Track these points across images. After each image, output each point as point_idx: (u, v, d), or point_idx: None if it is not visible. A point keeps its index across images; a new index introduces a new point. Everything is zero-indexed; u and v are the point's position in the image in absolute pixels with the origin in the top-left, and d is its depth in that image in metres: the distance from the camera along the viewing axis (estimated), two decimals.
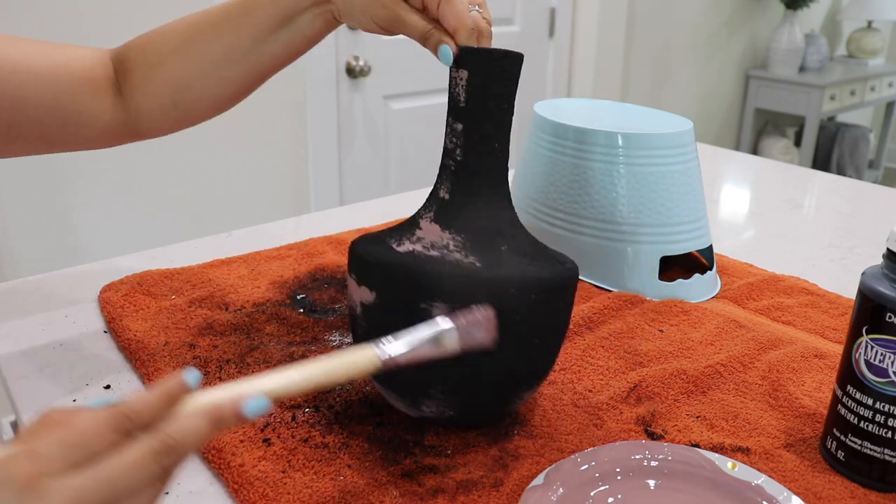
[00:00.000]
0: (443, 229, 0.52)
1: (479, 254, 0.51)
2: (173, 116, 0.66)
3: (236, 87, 0.64)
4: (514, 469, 0.52)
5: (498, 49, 0.52)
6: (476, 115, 0.52)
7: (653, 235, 0.77)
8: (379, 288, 0.51)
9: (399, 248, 0.52)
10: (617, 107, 0.91)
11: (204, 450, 0.53)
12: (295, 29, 0.60)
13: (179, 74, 0.63)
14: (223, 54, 0.61)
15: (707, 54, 3.04)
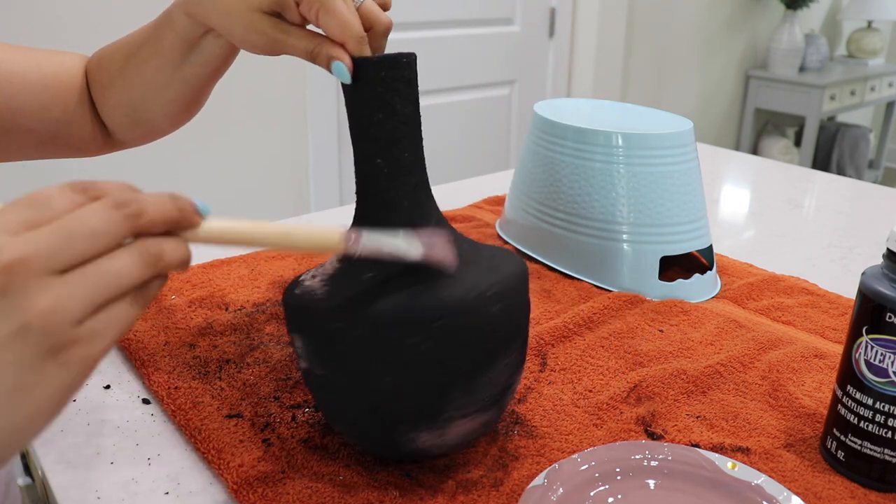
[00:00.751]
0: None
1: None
2: (137, 132, 0.66)
3: (179, 104, 0.63)
4: (514, 469, 0.52)
5: (391, 54, 0.47)
6: (390, 128, 0.48)
7: (653, 235, 0.77)
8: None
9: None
10: (617, 107, 0.91)
11: (204, 450, 0.53)
12: (204, 52, 0.59)
13: (126, 96, 0.63)
14: (154, 77, 0.61)
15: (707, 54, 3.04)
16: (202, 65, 0.60)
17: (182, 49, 0.58)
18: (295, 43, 0.49)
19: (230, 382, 0.61)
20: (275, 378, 0.62)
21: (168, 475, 0.52)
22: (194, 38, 0.58)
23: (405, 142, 0.48)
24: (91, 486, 0.51)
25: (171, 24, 0.58)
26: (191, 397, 0.59)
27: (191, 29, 0.57)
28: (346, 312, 0.45)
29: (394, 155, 0.48)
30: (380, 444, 0.50)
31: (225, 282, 0.79)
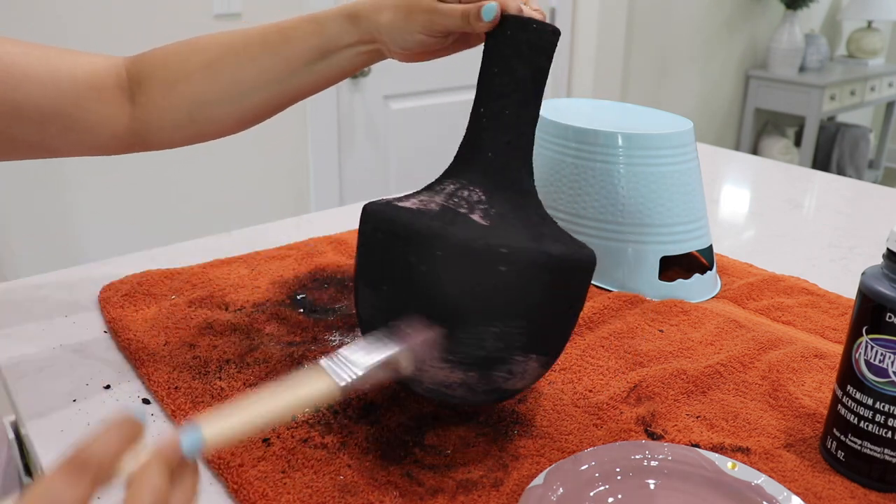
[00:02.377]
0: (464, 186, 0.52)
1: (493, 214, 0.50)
2: (188, 131, 0.65)
3: (261, 110, 0.63)
4: (514, 469, 0.52)
5: (528, 17, 0.51)
6: (500, 83, 0.52)
7: (653, 235, 0.77)
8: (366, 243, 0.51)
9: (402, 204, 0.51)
10: (617, 107, 0.91)
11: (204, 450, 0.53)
12: (333, 62, 0.59)
13: (203, 92, 0.62)
14: (254, 78, 0.61)
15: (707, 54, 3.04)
16: (321, 75, 0.60)
17: (316, 55, 0.59)
18: (451, 10, 0.53)
19: (230, 382, 0.61)
20: (275, 378, 0.62)
21: None
22: (341, 46, 0.58)
23: (508, 100, 0.52)
24: None
25: (320, 29, 0.58)
26: (191, 397, 0.59)
27: (344, 35, 0.58)
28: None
29: (494, 109, 0.52)
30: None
31: (225, 282, 0.79)
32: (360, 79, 2.03)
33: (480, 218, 0.49)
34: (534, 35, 0.51)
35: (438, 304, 0.47)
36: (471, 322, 0.47)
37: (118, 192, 1.70)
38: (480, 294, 0.47)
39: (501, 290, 0.47)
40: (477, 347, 0.48)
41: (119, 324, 0.69)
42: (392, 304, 0.49)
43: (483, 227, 0.48)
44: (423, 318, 0.46)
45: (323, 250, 0.88)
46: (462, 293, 0.47)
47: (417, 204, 0.50)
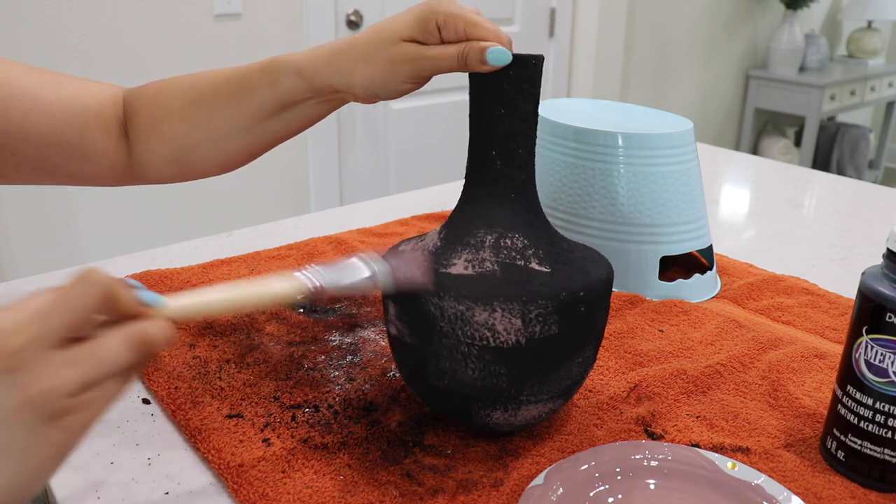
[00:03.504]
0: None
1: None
2: (175, 170, 0.65)
3: (242, 154, 0.63)
4: (514, 469, 0.52)
5: (522, 55, 0.51)
6: (509, 123, 0.51)
7: (653, 235, 0.77)
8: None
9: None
10: (617, 107, 0.91)
11: (204, 450, 0.53)
12: (297, 113, 0.59)
13: (183, 135, 0.62)
14: (225, 126, 0.60)
15: (707, 54, 3.04)
16: (289, 124, 0.60)
17: (275, 108, 0.58)
18: (443, 53, 0.51)
19: (230, 382, 0.61)
20: (275, 378, 0.62)
21: (168, 475, 0.52)
22: (297, 101, 0.57)
23: (520, 138, 0.52)
24: (91, 486, 0.51)
25: (275, 83, 0.57)
26: (191, 397, 0.59)
27: (299, 92, 0.56)
28: (447, 292, 0.48)
29: (508, 148, 0.51)
30: (456, 414, 0.54)
31: (225, 282, 0.79)
32: None
33: (538, 265, 0.50)
34: (533, 72, 0.51)
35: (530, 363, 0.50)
36: (561, 362, 0.51)
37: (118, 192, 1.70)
38: (568, 337, 0.50)
39: (583, 327, 0.51)
40: (566, 379, 0.52)
41: None
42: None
43: (548, 274, 0.50)
44: (419, 255, 0.47)
45: (323, 250, 0.88)
46: (551, 340, 0.49)
47: (471, 268, 0.50)
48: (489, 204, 0.52)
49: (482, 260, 0.50)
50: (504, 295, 0.47)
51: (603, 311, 0.53)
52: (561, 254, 0.52)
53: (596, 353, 0.55)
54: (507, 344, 0.48)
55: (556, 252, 0.52)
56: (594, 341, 0.53)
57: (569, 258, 0.52)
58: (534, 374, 0.50)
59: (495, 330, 0.48)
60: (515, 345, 0.48)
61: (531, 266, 0.50)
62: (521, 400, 0.51)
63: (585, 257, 0.54)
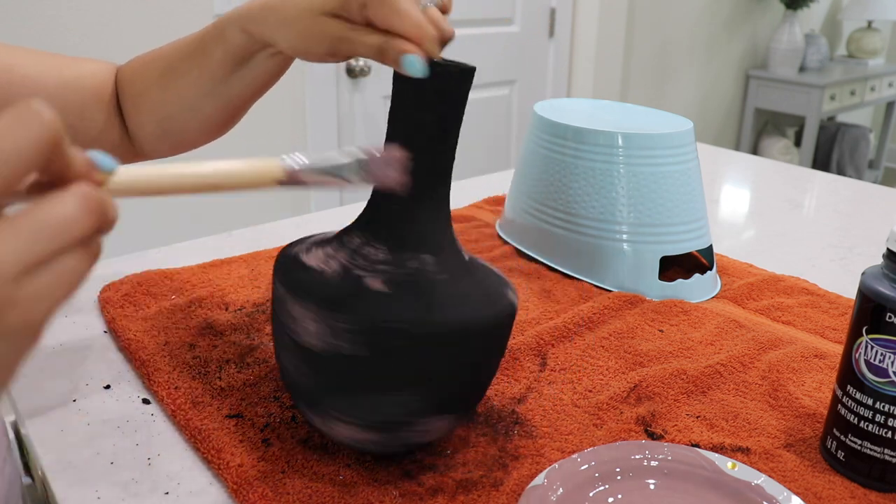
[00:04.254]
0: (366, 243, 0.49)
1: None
2: (165, 143, 0.65)
3: (217, 119, 0.62)
4: (514, 469, 0.52)
5: (457, 63, 0.47)
6: (436, 135, 0.48)
7: (653, 235, 0.77)
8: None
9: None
10: (617, 107, 0.91)
11: (204, 450, 0.53)
12: (254, 68, 0.58)
13: (161, 107, 0.62)
14: (193, 90, 0.60)
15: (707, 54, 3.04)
16: (250, 81, 0.59)
17: (231, 64, 0.57)
18: (363, 39, 0.48)
19: (230, 382, 0.61)
20: (275, 378, 0.62)
21: (168, 475, 0.52)
22: (247, 55, 0.57)
23: (438, 147, 0.48)
24: (91, 486, 0.51)
25: (223, 38, 0.56)
26: (191, 397, 0.59)
27: (245, 45, 0.56)
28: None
29: (423, 156, 0.48)
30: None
31: (225, 282, 0.79)
32: (361, 79, 2.03)
33: (381, 285, 0.47)
34: (455, 84, 0.47)
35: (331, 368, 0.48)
36: (369, 391, 0.47)
37: None
38: (379, 367, 0.46)
39: (402, 364, 0.46)
40: (377, 413, 0.48)
41: (119, 324, 0.69)
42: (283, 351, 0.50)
43: (379, 294, 0.46)
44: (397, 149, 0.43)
45: None
46: (357, 361, 0.46)
47: (322, 262, 0.49)
48: (378, 206, 0.50)
49: (334, 258, 0.49)
50: (320, 298, 0.46)
51: (444, 359, 0.47)
52: (423, 282, 0.47)
53: (428, 405, 0.48)
54: (313, 347, 0.47)
55: (417, 278, 0.47)
56: (426, 388, 0.47)
57: (431, 288, 0.47)
58: (338, 391, 0.48)
59: (307, 329, 0.46)
60: (320, 350, 0.46)
61: (367, 281, 0.47)
62: (333, 415, 0.49)
63: (461, 299, 0.48)
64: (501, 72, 2.39)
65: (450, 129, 0.48)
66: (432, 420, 0.49)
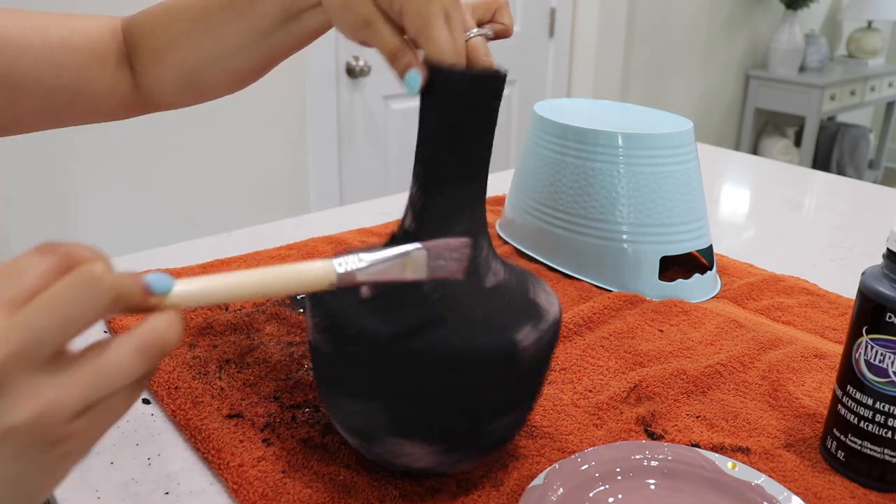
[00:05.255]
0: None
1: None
2: (187, 94, 0.63)
3: (251, 71, 0.61)
4: (514, 469, 0.52)
5: (474, 69, 0.46)
6: (458, 147, 0.47)
7: (653, 235, 0.77)
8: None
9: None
10: (617, 107, 0.91)
11: (204, 450, 0.53)
12: (303, 24, 0.56)
13: (190, 58, 0.60)
14: (231, 43, 0.58)
15: (707, 54, 3.04)
16: (295, 36, 0.57)
17: (279, 18, 0.55)
18: (384, 36, 0.47)
19: (230, 382, 0.61)
20: (275, 378, 0.62)
21: (168, 475, 0.52)
22: (297, 10, 0.55)
23: (469, 151, 0.48)
24: (91, 486, 0.51)
25: None
26: (191, 397, 0.59)
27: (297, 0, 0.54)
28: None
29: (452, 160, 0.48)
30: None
31: None
32: (361, 79, 2.03)
33: (368, 289, 0.46)
34: (494, 89, 0.46)
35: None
36: (334, 389, 0.48)
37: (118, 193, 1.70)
38: (340, 366, 0.47)
39: (356, 366, 0.46)
40: (347, 418, 0.48)
41: (119, 324, 0.69)
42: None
43: (358, 299, 0.46)
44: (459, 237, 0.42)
45: (323, 250, 0.88)
46: (324, 357, 0.48)
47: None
48: (416, 211, 0.49)
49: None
50: (315, 295, 0.47)
51: (402, 379, 0.44)
52: (408, 294, 0.45)
53: (407, 429, 0.46)
54: (310, 341, 0.49)
55: (404, 289, 0.44)
56: (384, 403, 0.45)
57: (415, 301, 0.45)
58: (319, 386, 0.49)
59: (308, 324, 0.49)
60: (311, 344, 0.49)
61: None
62: (328, 410, 0.50)
63: (469, 306, 0.46)
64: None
65: (472, 134, 0.47)
66: (401, 442, 0.46)
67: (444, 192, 0.48)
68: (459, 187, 0.48)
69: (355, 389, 0.46)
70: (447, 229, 0.47)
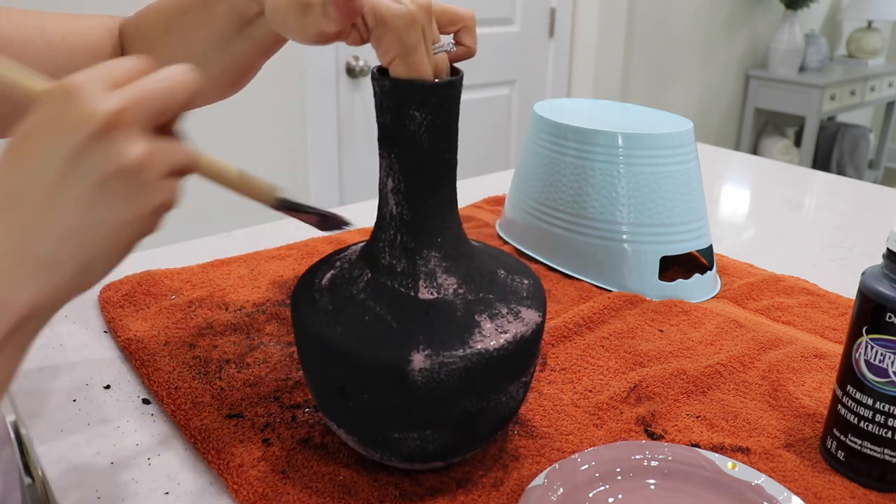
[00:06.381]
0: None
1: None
2: None
3: (226, 77, 0.59)
4: (514, 469, 0.52)
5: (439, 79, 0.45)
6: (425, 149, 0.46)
7: (653, 235, 0.77)
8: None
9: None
10: (617, 107, 0.91)
11: (204, 450, 0.53)
12: (258, 30, 0.55)
13: (167, 61, 0.60)
14: (199, 46, 0.57)
15: (707, 54, 3.04)
16: (254, 43, 0.55)
17: (236, 23, 0.54)
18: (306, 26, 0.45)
19: (230, 382, 0.61)
20: (275, 378, 0.62)
21: (168, 475, 0.52)
22: (249, 15, 0.54)
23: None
24: (91, 486, 0.51)
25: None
26: (191, 397, 0.59)
27: (246, 5, 0.53)
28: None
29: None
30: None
31: (225, 282, 0.79)
32: (360, 79, 2.03)
33: (328, 292, 0.50)
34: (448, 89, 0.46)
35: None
36: (311, 381, 0.51)
37: None
38: (306, 362, 0.50)
39: (314, 364, 0.49)
40: (320, 405, 0.50)
41: (119, 324, 0.69)
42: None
43: (322, 302, 0.49)
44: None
45: (323, 250, 0.88)
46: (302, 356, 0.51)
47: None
48: (397, 212, 0.50)
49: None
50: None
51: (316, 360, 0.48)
52: (355, 304, 0.47)
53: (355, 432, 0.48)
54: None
55: (357, 296, 0.47)
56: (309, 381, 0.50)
57: (355, 308, 0.47)
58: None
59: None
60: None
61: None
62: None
63: (385, 315, 0.46)
64: (501, 72, 2.40)
65: (423, 135, 0.46)
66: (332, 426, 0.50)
67: (424, 195, 0.47)
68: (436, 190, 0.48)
69: (318, 380, 0.50)
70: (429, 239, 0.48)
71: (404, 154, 0.46)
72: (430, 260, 0.48)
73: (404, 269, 0.48)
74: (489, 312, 0.47)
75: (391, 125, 0.46)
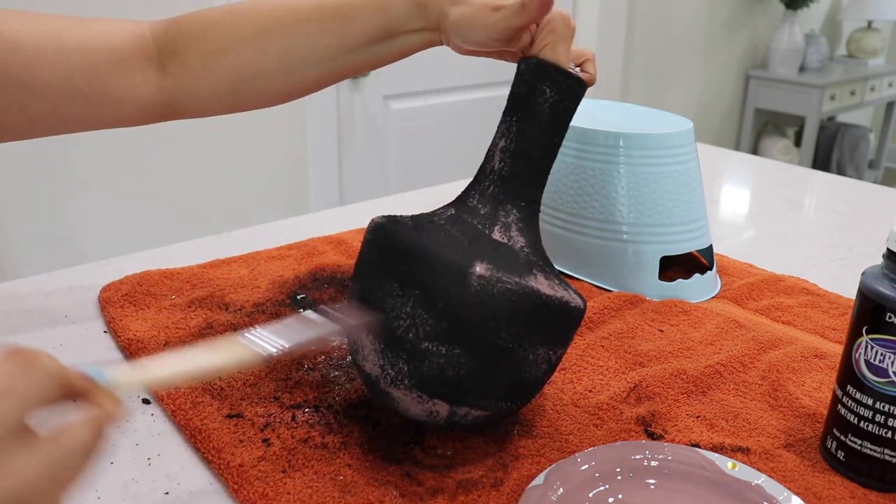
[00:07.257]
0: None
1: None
2: (228, 102, 0.62)
3: (311, 85, 0.61)
4: (514, 469, 0.52)
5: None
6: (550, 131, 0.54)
7: (653, 235, 0.77)
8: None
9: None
10: (617, 107, 0.91)
11: (204, 450, 0.53)
12: (394, 45, 0.57)
13: (250, 66, 0.59)
14: (307, 55, 0.58)
15: (707, 54, 3.04)
16: (378, 57, 0.58)
17: (374, 37, 0.56)
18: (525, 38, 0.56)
19: (230, 382, 0.61)
20: (275, 378, 0.62)
21: (168, 475, 0.52)
22: (400, 31, 0.56)
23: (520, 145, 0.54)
24: (91, 486, 0.51)
25: (384, 6, 0.56)
26: (191, 397, 0.59)
27: (411, 19, 0.55)
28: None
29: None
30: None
31: (225, 282, 0.79)
32: (360, 79, 2.03)
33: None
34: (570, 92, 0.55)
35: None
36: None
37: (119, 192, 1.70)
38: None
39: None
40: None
41: (119, 324, 0.69)
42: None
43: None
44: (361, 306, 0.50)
45: (323, 250, 0.88)
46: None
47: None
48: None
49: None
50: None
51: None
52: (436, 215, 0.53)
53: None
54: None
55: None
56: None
57: (433, 221, 0.52)
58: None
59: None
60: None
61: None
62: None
63: (457, 235, 0.51)
64: (502, 72, 2.39)
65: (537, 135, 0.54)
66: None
67: (528, 166, 0.54)
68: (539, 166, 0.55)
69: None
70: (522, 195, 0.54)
71: (525, 119, 0.54)
72: (510, 215, 0.53)
73: (487, 213, 0.52)
74: (545, 273, 0.51)
75: (524, 95, 0.54)
